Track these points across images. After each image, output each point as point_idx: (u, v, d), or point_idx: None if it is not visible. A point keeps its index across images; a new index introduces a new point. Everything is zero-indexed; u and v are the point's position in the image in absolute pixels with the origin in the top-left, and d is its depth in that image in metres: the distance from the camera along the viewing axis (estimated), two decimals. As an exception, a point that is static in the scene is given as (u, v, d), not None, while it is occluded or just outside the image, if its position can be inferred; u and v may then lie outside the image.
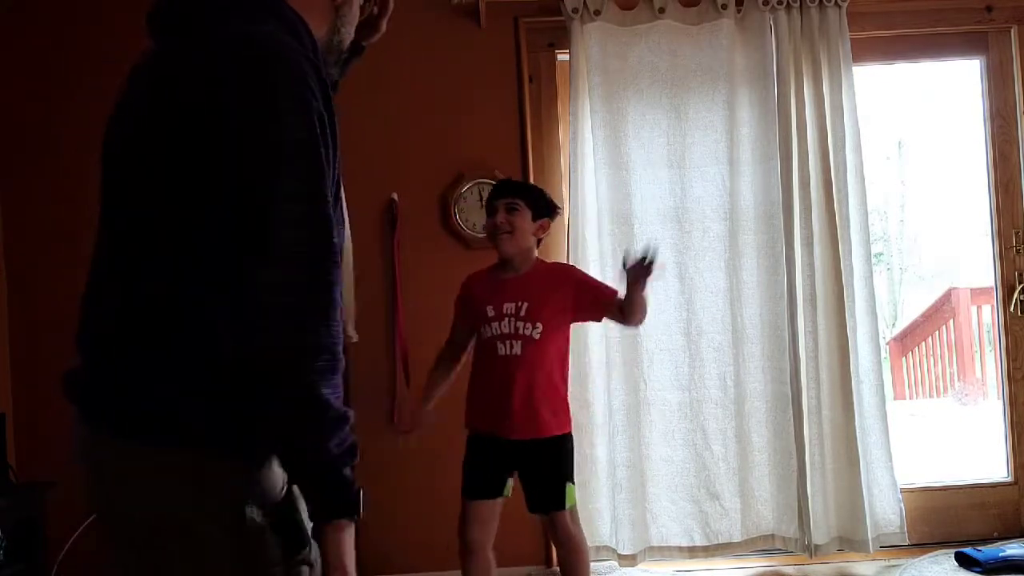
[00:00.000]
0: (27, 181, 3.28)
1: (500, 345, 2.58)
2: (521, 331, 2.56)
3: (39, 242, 3.26)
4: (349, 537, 1.21)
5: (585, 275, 2.80)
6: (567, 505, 2.59)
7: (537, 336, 2.56)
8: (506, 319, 2.58)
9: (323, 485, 1.19)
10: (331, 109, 1.23)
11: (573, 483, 2.63)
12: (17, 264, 3.28)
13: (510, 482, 2.63)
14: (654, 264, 2.46)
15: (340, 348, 1.19)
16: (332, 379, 1.17)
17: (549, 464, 2.59)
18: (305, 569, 1.24)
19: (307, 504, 1.22)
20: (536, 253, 2.69)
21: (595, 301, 2.65)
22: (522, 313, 2.58)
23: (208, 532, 1.19)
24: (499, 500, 2.62)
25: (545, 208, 2.68)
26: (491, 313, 2.60)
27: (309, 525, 1.24)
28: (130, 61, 1.32)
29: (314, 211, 1.18)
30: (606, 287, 2.69)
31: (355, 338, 1.47)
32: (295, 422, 1.16)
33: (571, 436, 2.65)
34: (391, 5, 1.53)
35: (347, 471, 1.19)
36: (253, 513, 1.20)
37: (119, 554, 1.28)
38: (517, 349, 2.56)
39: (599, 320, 2.78)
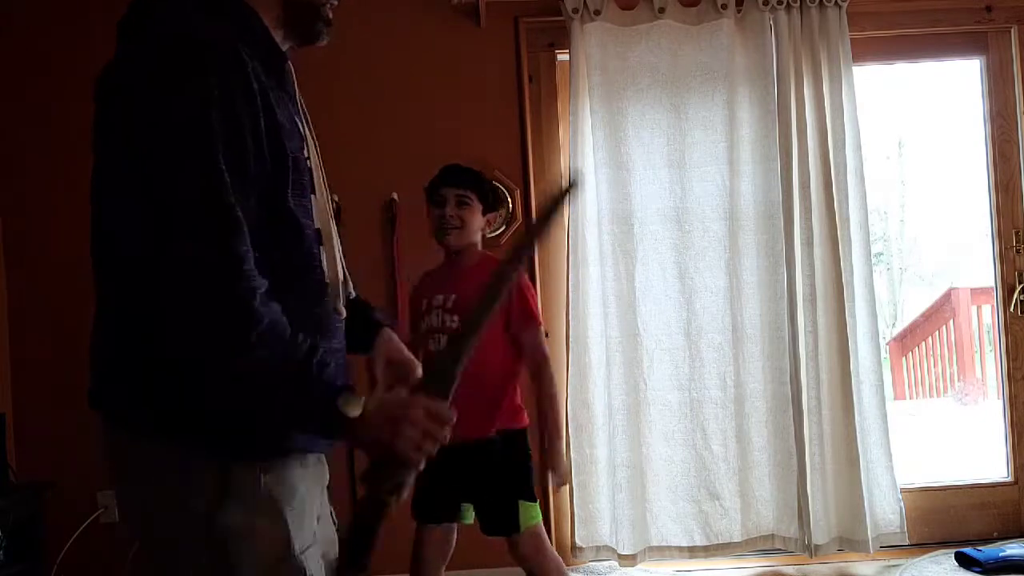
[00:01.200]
0: (27, 181, 3.28)
1: (431, 340, 2.48)
2: (447, 324, 2.46)
3: (39, 242, 3.26)
4: (361, 438, 1.21)
5: (525, 286, 2.55)
6: (522, 527, 2.41)
7: None
8: (435, 312, 2.49)
9: (293, 428, 1.24)
10: (259, 84, 1.20)
11: (532, 500, 2.44)
12: (17, 264, 3.28)
13: (468, 508, 2.50)
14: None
15: (253, 301, 1.14)
16: (249, 335, 1.13)
17: (494, 473, 2.43)
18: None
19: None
20: (480, 247, 2.58)
21: (514, 317, 2.45)
22: (448, 305, 2.47)
23: (188, 533, 1.21)
24: (447, 531, 2.51)
25: (495, 202, 2.58)
26: (424, 306, 2.52)
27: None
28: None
29: (195, 184, 1.14)
30: (530, 311, 2.49)
31: (343, 314, 1.45)
32: (231, 389, 1.16)
33: (522, 441, 2.47)
34: None
35: (306, 417, 1.19)
36: (227, 517, 1.20)
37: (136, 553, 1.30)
38: (443, 343, 2.45)
39: (508, 332, 2.49)
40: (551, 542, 3.26)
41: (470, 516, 2.54)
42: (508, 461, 2.46)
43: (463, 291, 2.47)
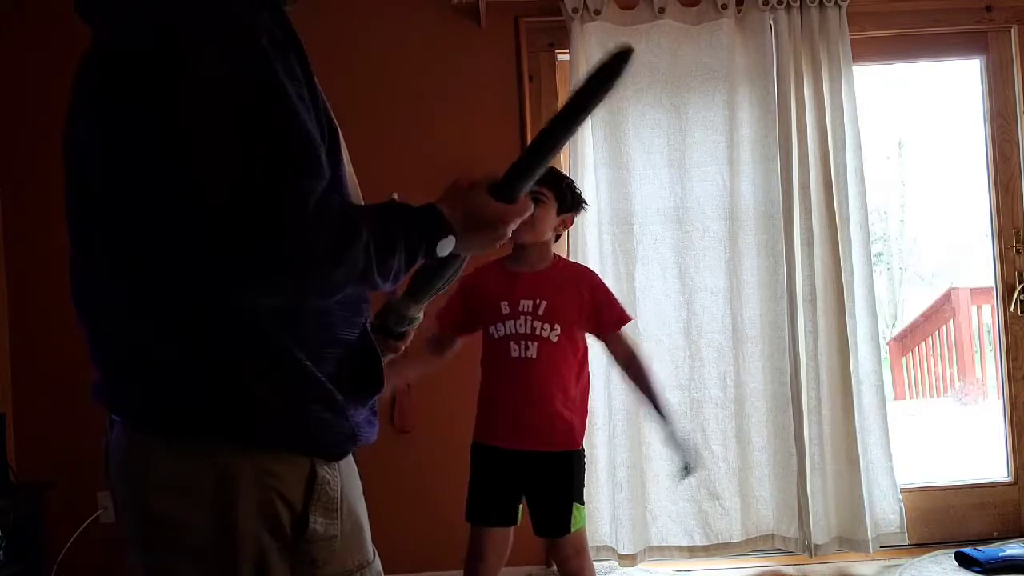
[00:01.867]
0: (28, 181, 3.28)
1: (514, 346, 2.39)
2: (538, 332, 2.37)
3: (39, 242, 3.25)
4: (471, 240, 1.25)
5: (605, 286, 2.57)
6: (573, 528, 2.42)
7: (555, 339, 2.38)
8: (522, 317, 2.39)
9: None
10: (290, 36, 1.12)
11: (582, 503, 2.46)
12: (17, 264, 3.28)
13: (520, 509, 2.48)
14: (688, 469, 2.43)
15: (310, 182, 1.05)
16: (328, 207, 1.05)
17: (556, 482, 2.42)
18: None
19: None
20: (553, 249, 2.52)
21: (607, 320, 2.46)
22: (540, 312, 2.38)
23: (271, 542, 1.11)
24: (507, 531, 2.49)
25: (571, 202, 2.48)
26: (506, 310, 2.40)
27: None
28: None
29: (268, 148, 1.03)
30: (622, 311, 2.50)
31: None
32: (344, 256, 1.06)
33: (583, 452, 2.49)
34: None
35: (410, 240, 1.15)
36: (316, 523, 1.12)
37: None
38: (532, 351, 2.37)
39: (598, 337, 2.53)
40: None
41: (520, 517, 2.51)
42: (567, 469, 2.44)
43: (552, 297, 2.41)
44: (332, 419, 1.16)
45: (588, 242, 3.24)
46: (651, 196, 3.28)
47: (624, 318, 2.50)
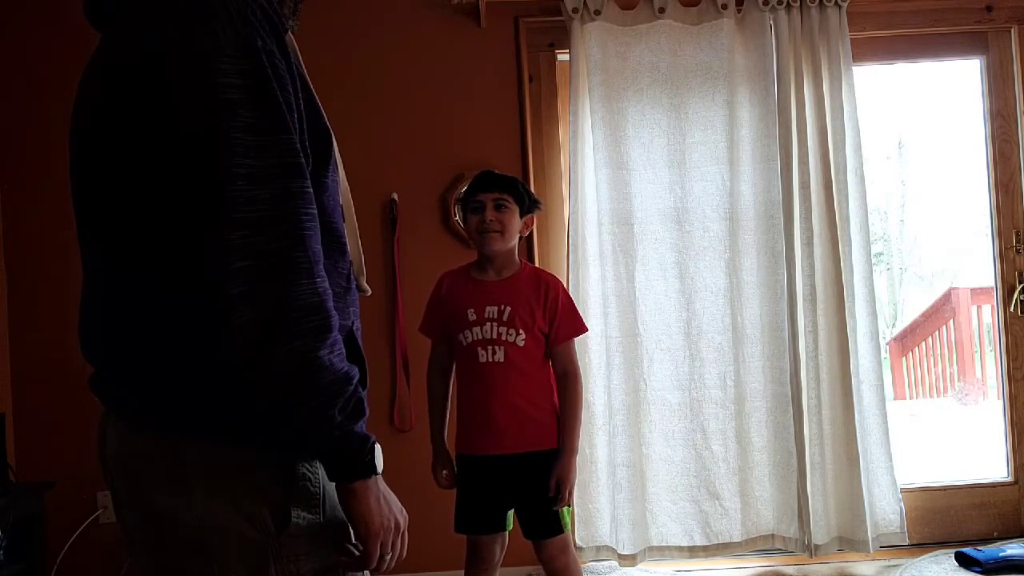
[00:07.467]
0: (27, 181, 3.28)
1: (481, 352, 2.45)
2: (504, 337, 2.44)
3: (39, 242, 3.26)
4: (372, 496, 1.16)
5: (569, 297, 2.59)
6: (563, 530, 2.48)
7: (521, 343, 2.44)
8: (488, 324, 2.45)
9: (333, 449, 1.13)
10: (287, 53, 1.14)
11: (569, 505, 2.50)
12: (17, 264, 3.28)
13: (511, 515, 2.53)
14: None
15: (330, 304, 1.10)
16: (327, 338, 1.08)
17: (540, 484, 2.45)
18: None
19: (324, 468, 1.16)
20: (517, 253, 2.57)
21: (559, 329, 2.49)
22: (505, 318, 2.45)
23: (256, 538, 1.13)
24: (501, 534, 2.54)
25: (531, 205, 2.56)
26: (472, 317, 2.47)
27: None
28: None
29: (270, 161, 1.07)
30: (577, 324, 2.55)
31: (368, 291, 1.41)
32: (294, 390, 1.07)
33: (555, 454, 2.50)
34: None
35: (357, 429, 1.13)
36: (300, 520, 1.14)
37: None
38: (500, 356, 2.44)
39: (550, 345, 2.52)
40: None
41: (511, 522, 2.56)
42: (548, 470, 2.47)
43: (518, 304, 2.47)
44: None
45: (588, 242, 3.24)
46: (651, 196, 3.28)
47: (578, 331, 2.56)
